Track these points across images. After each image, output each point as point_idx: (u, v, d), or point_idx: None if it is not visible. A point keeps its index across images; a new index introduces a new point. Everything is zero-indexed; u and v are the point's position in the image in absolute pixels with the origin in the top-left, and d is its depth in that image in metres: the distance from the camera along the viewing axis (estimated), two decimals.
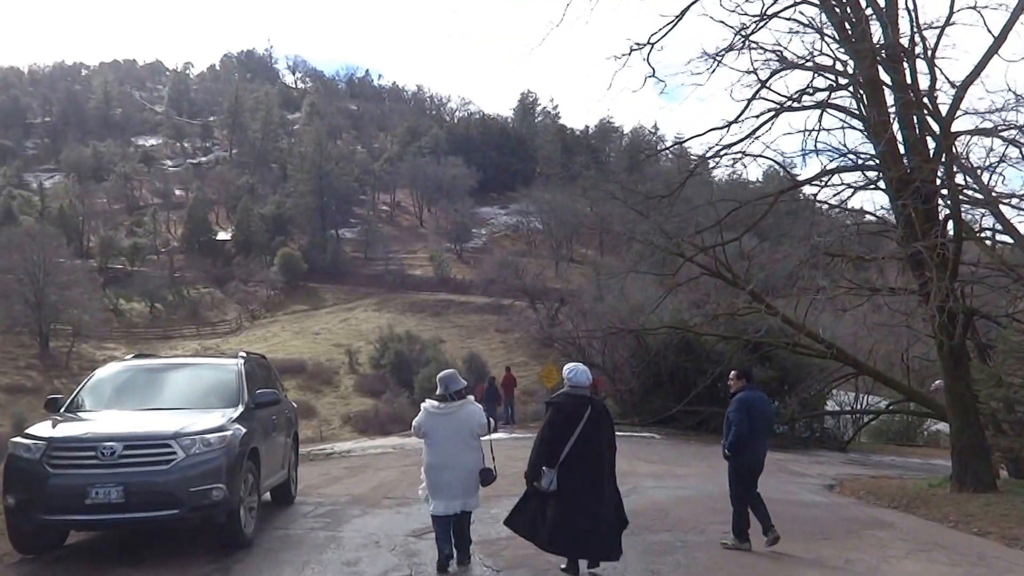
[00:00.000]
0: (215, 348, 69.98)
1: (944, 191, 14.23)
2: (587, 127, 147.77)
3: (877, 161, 15.10)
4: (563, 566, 8.50)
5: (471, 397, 9.12)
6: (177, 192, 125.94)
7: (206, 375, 11.13)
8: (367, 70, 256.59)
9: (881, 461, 25.64)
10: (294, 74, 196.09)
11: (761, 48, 15.52)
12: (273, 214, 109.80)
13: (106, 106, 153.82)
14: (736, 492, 10.10)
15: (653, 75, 16.59)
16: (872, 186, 15.62)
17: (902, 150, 14.77)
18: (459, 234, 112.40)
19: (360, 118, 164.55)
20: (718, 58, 15.45)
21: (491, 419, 9.32)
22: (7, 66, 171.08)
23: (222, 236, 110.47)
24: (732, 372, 10.62)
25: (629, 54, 16.19)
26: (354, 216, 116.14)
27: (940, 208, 14.83)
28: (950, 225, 14.74)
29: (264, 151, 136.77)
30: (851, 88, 15.23)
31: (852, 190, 15.49)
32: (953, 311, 13.87)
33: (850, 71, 15.10)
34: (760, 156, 16.51)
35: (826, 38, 15.41)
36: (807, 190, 18.64)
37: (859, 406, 32.97)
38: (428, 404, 8.95)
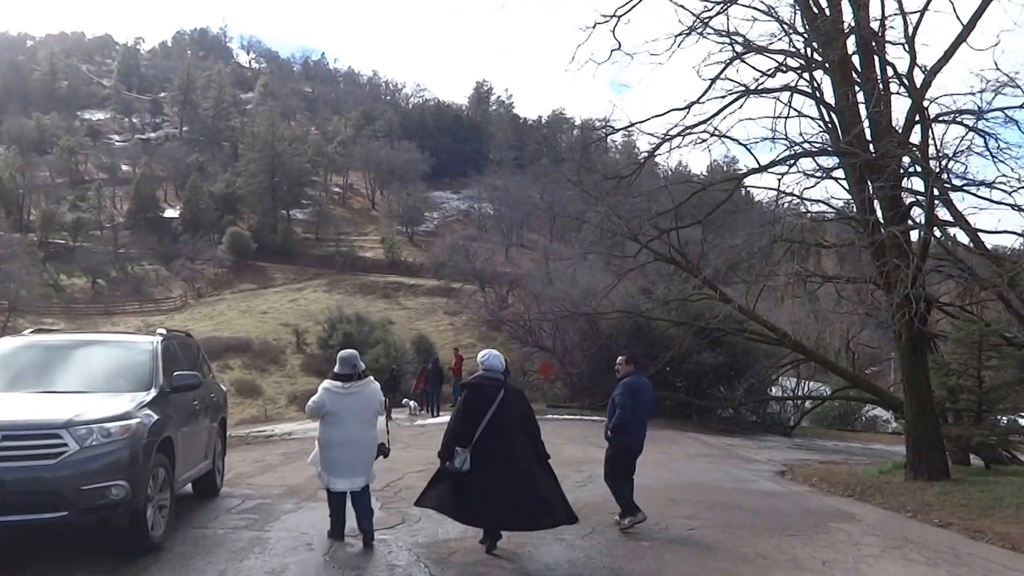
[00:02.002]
0: (159, 325, 68.42)
1: (919, 176, 14.02)
2: (540, 117, 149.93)
3: (831, 148, 15.12)
4: (480, 539, 8.88)
5: (371, 376, 9.18)
6: (124, 168, 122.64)
7: (116, 354, 9.74)
8: (323, 53, 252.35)
9: (825, 446, 26.19)
10: (248, 54, 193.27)
11: (722, 33, 15.57)
12: (223, 193, 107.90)
13: (51, 78, 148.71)
14: (611, 472, 10.29)
15: (619, 48, 16.55)
16: (827, 175, 15.55)
17: (869, 136, 14.59)
18: (411, 217, 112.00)
19: (314, 100, 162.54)
20: (688, 32, 15.45)
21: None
22: None
23: (169, 213, 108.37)
24: (620, 357, 10.72)
25: (594, 27, 16.34)
26: (306, 197, 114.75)
27: (903, 195, 14.64)
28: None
29: (215, 129, 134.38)
30: (811, 74, 15.25)
31: (815, 179, 15.45)
32: (929, 299, 13.74)
33: (817, 58, 14.99)
34: (725, 136, 16.29)
35: (785, 24, 15.35)
36: (766, 179, 18.57)
37: (800, 392, 33.58)
38: (330, 384, 8.89)
